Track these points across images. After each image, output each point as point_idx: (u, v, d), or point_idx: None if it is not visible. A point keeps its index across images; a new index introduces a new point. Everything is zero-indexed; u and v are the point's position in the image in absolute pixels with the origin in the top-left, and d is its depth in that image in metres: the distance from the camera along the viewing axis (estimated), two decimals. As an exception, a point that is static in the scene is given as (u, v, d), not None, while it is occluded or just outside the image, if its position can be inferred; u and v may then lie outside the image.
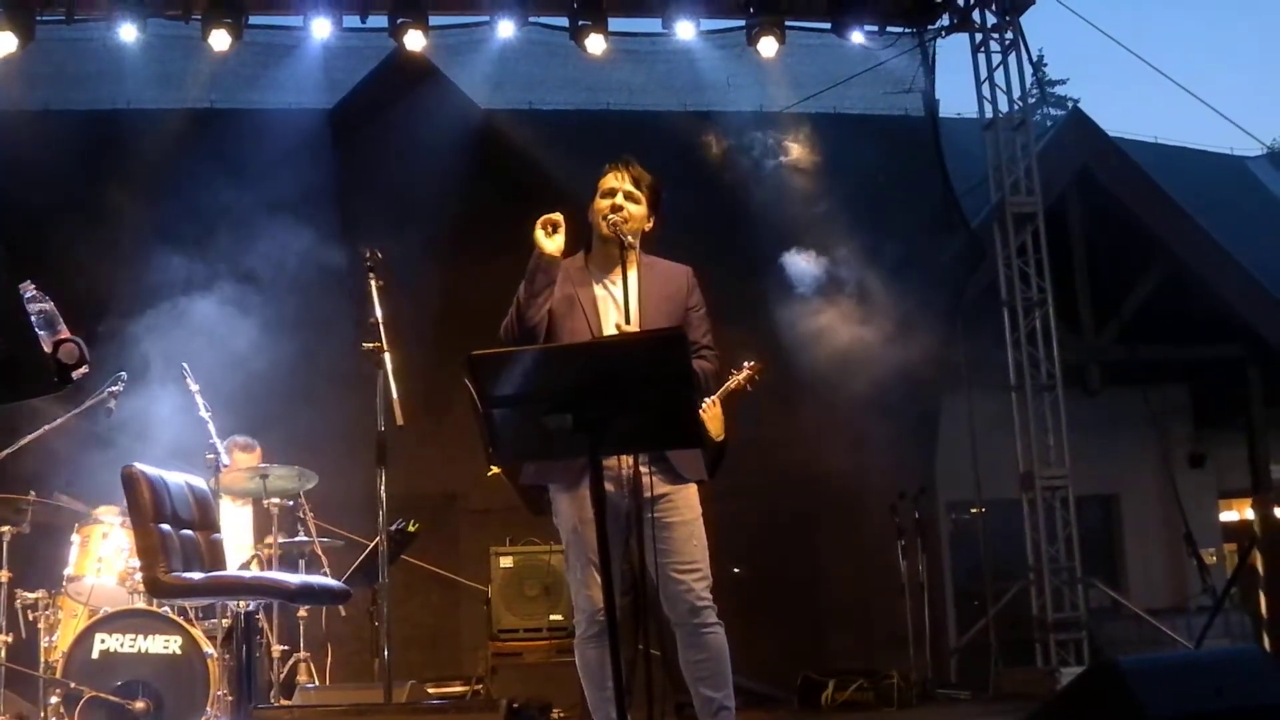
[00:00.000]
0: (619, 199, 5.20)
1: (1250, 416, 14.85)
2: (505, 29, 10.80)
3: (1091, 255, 14.44)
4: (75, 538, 7.37)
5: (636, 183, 5.26)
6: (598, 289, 5.26)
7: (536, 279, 5.10)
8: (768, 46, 10.79)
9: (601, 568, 4.29)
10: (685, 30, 11.01)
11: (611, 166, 5.30)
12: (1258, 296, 14.82)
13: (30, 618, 7.30)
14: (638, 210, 5.24)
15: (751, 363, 7.01)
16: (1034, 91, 12.66)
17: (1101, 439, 13.03)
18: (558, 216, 5.07)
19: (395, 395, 5.79)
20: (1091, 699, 3.85)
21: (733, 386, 6.65)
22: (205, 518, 5.86)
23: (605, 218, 5.16)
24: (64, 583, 7.29)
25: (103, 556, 7.29)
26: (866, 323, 10.96)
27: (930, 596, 10.57)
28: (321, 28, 10.57)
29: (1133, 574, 14.58)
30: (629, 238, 5.07)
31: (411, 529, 8.39)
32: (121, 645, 6.85)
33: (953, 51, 11.80)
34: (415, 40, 10.31)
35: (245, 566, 7.94)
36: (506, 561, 8.73)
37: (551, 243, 5.05)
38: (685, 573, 5.05)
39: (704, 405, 5.92)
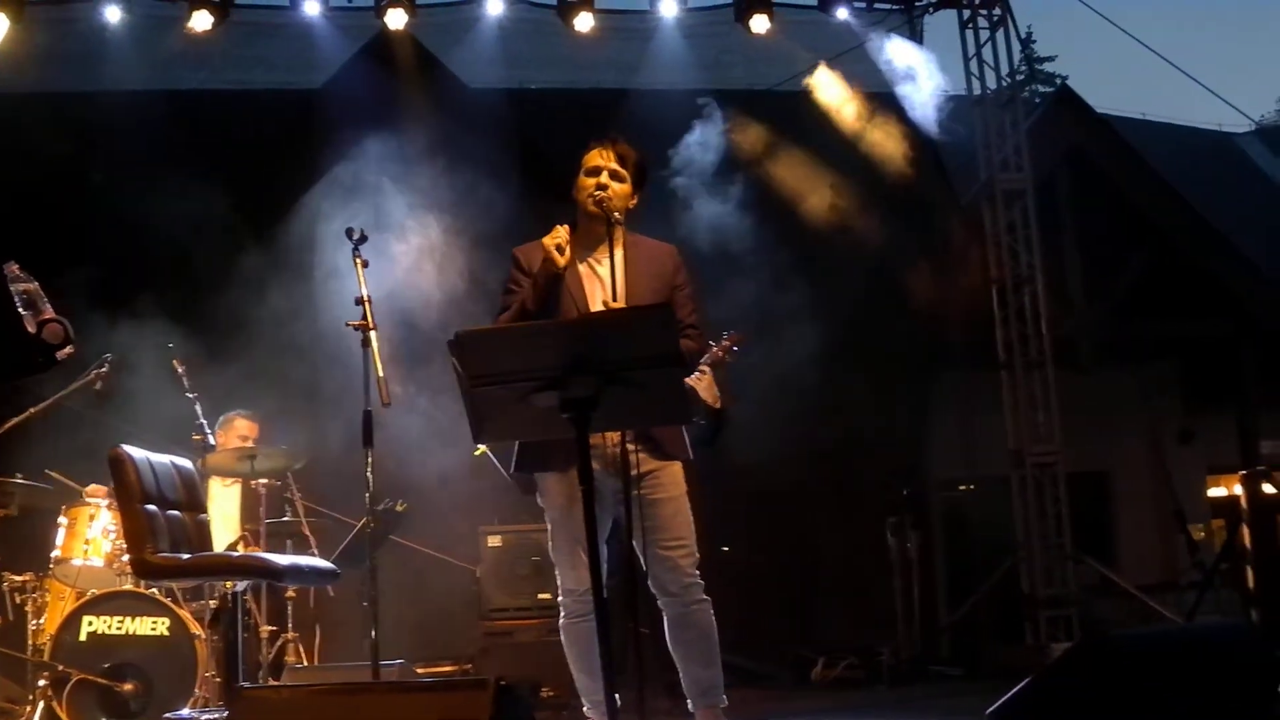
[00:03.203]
0: (604, 177, 5.18)
1: (1239, 392, 14.85)
2: (493, 7, 10.76)
3: (1081, 232, 14.43)
4: (63, 520, 7.32)
5: (621, 160, 5.24)
6: (582, 267, 5.25)
7: (546, 287, 5.10)
8: (759, 23, 10.74)
9: (589, 547, 4.27)
10: (669, 8, 10.97)
11: (596, 143, 5.28)
12: (1246, 273, 14.82)
13: (18, 600, 7.26)
14: (622, 188, 5.21)
15: (730, 333, 7.00)
16: (1022, 68, 12.65)
17: (1091, 416, 13.01)
18: (564, 237, 5.06)
19: (381, 374, 5.75)
20: (1083, 671, 3.85)
21: (712, 360, 6.65)
22: (192, 498, 5.83)
23: (590, 195, 5.14)
24: (51, 565, 7.24)
25: (90, 538, 7.24)
26: (857, 300, 10.96)
27: (921, 574, 10.58)
28: (310, 7, 10.51)
29: (1123, 550, 14.56)
30: (616, 214, 5.05)
31: (400, 509, 8.37)
32: (109, 627, 6.84)
33: (940, 28, 11.80)
34: (397, 19, 10.27)
35: (233, 547, 7.92)
36: (495, 541, 8.72)
37: (563, 256, 5.04)
38: (672, 549, 5.05)
39: (697, 374, 5.93)
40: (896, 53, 11.14)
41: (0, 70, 9.94)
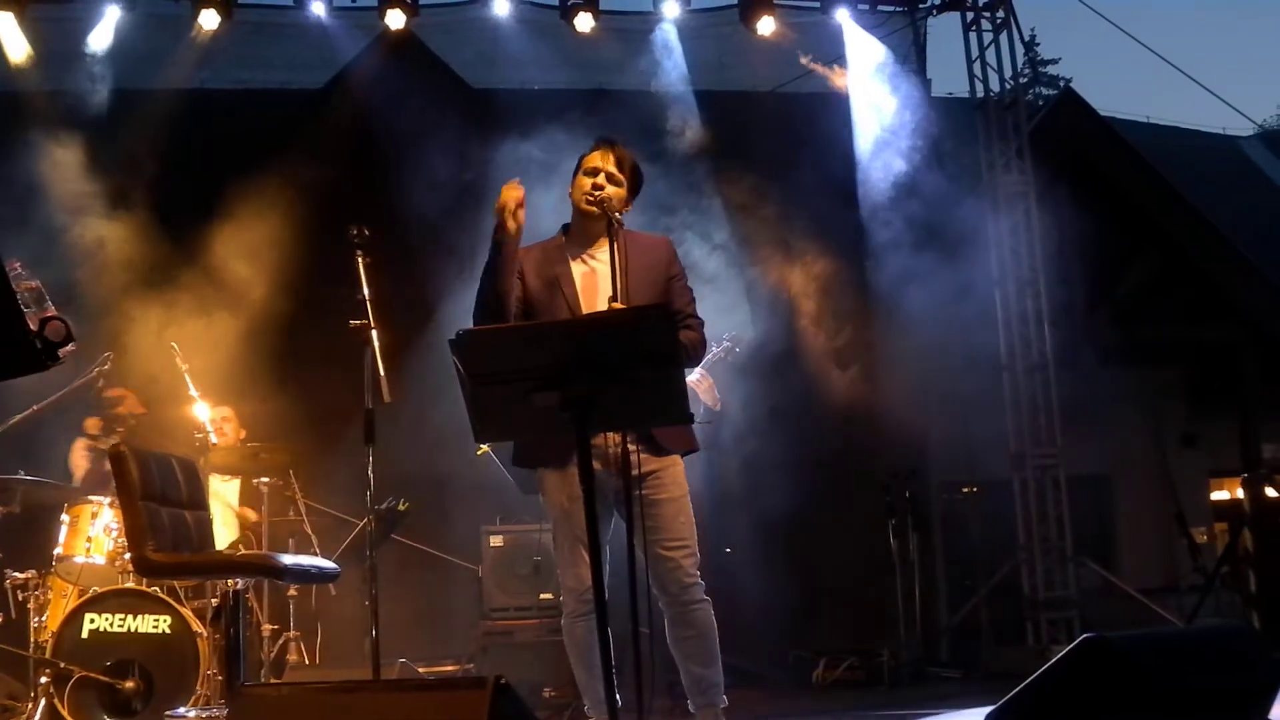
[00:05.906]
0: (600, 178, 5.20)
1: (1242, 396, 14.86)
2: (498, 7, 10.76)
3: (1084, 235, 14.41)
4: (65, 517, 7.33)
5: (620, 164, 5.26)
6: (576, 265, 5.26)
7: (503, 253, 5.05)
8: (765, 25, 10.74)
9: (590, 546, 4.28)
10: (670, 9, 10.97)
11: (598, 144, 5.30)
12: (1249, 277, 14.81)
13: (20, 598, 7.26)
14: (617, 191, 5.23)
15: (730, 334, 7.03)
16: (1026, 71, 12.62)
17: (1094, 419, 13.02)
18: (517, 199, 5.02)
19: (382, 372, 5.76)
20: (1081, 673, 3.85)
21: (714, 361, 6.70)
22: (194, 496, 5.84)
23: (586, 194, 5.16)
24: (54, 562, 7.25)
25: (92, 536, 7.25)
26: (857, 302, 10.95)
27: (922, 576, 10.58)
28: (316, 7, 10.52)
29: (1125, 553, 14.56)
30: (617, 214, 5.06)
31: (402, 508, 8.37)
32: (111, 625, 6.84)
33: (944, 30, 11.80)
34: (396, 19, 10.30)
35: (234, 545, 7.94)
36: (497, 540, 8.72)
37: (514, 222, 5.01)
38: (673, 550, 5.05)
39: (697, 377, 5.95)
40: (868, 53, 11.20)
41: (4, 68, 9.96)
